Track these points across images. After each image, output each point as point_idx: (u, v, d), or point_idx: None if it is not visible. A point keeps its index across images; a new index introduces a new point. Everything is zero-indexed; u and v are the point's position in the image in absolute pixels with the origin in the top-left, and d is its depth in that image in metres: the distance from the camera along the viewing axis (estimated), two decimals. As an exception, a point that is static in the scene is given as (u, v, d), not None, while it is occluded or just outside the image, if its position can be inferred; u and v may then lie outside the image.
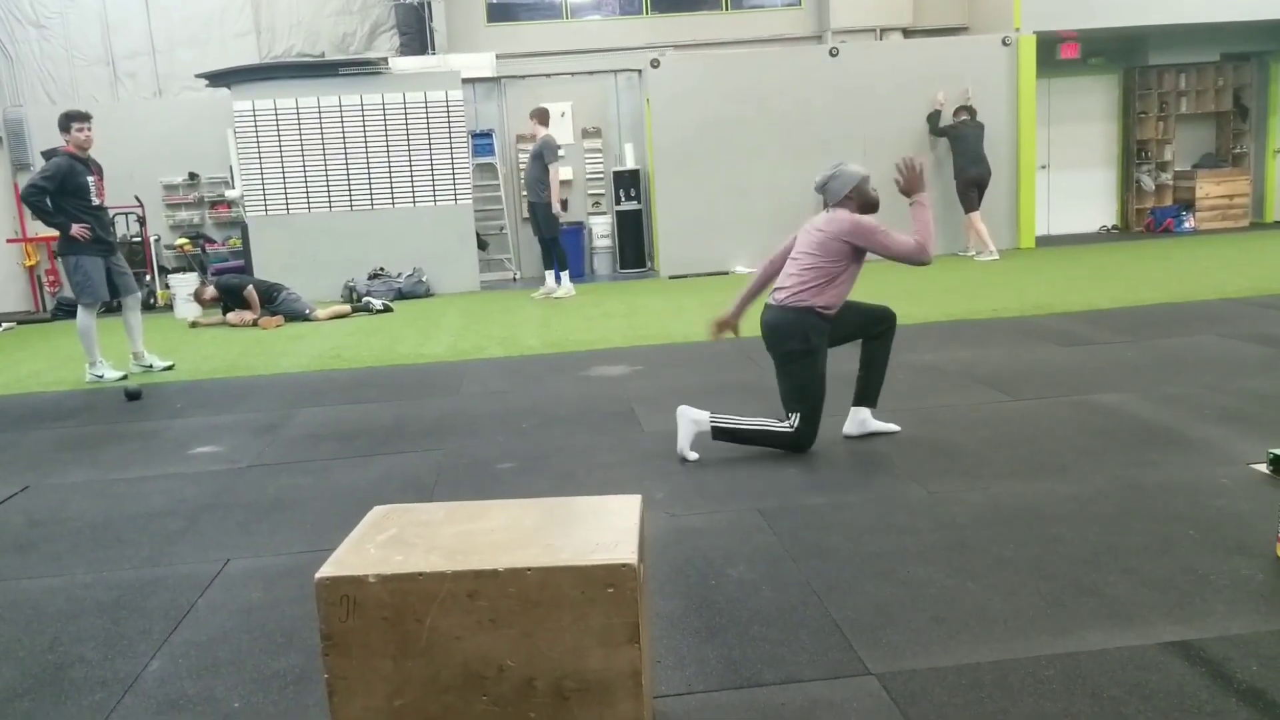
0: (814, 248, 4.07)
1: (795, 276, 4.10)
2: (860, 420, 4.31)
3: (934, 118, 11.21)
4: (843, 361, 4.59)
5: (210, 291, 9.60)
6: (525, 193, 10.25)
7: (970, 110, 11.05)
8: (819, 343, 4.08)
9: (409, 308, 9.95)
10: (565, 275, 9.87)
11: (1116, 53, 12.78)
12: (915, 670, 2.31)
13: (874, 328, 4.24)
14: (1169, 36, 12.24)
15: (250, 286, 9.30)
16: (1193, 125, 13.05)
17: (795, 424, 4.05)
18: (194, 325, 9.60)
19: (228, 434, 5.08)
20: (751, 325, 4.54)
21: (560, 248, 9.86)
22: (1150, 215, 12.87)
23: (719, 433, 4.10)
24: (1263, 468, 3.53)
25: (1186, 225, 12.59)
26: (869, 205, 4.12)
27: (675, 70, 11.28)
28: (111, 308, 7.24)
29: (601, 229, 12.20)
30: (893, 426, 4.35)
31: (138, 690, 2.45)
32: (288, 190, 11.03)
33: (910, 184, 4.09)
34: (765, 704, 2.22)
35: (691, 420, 4.11)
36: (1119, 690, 2.17)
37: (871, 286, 8.92)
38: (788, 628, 2.56)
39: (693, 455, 4.11)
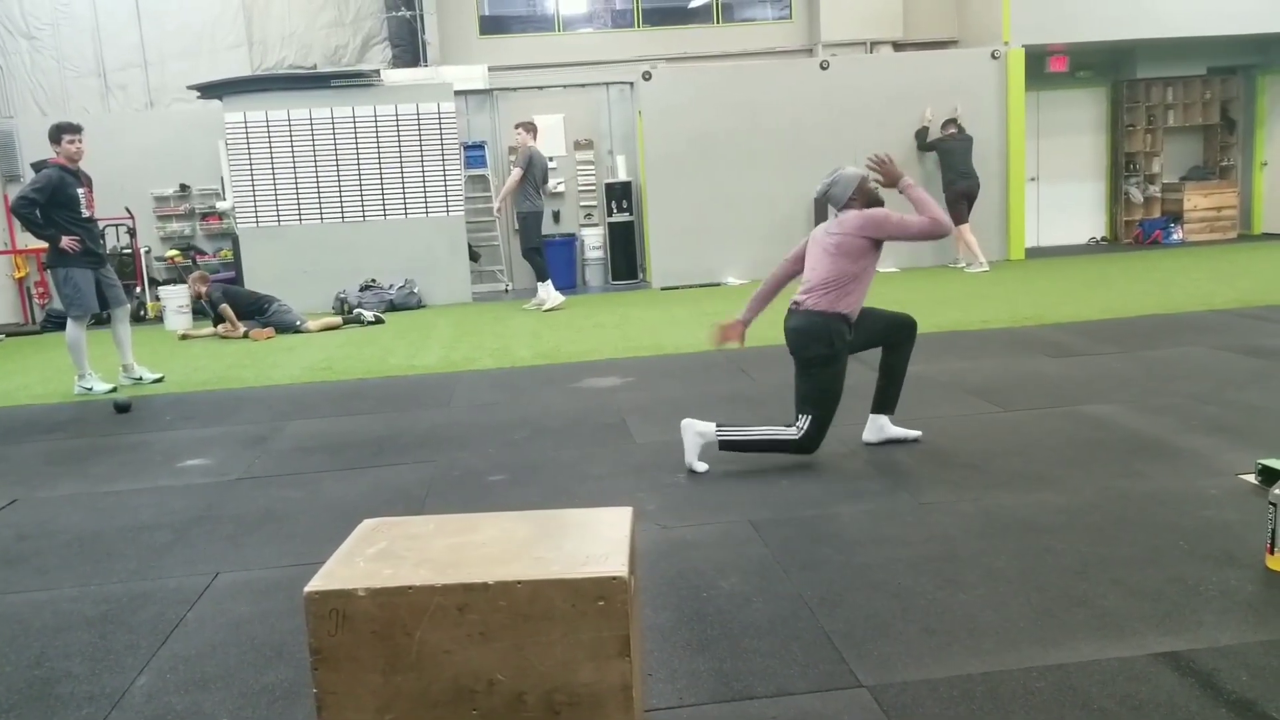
0: (833, 250, 4.08)
1: (818, 283, 4.10)
2: (879, 427, 4.34)
3: (922, 134, 11.26)
4: (853, 372, 4.60)
5: (204, 287, 9.54)
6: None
7: (958, 124, 11.12)
8: (842, 348, 4.09)
9: (400, 319, 9.94)
10: (548, 284, 9.91)
11: (1105, 66, 12.88)
12: (907, 682, 2.31)
13: (894, 334, 4.27)
14: (1157, 50, 12.34)
15: (225, 304, 9.24)
16: (1180, 138, 13.14)
17: (805, 426, 4.04)
18: (184, 337, 9.56)
19: (217, 446, 5.06)
20: (755, 335, 4.56)
21: (541, 258, 9.90)
22: (1139, 227, 12.94)
23: (726, 445, 4.10)
24: (1251, 478, 3.54)
25: (1175, 237, 12.66)
26: (874, 203, 4.17)
27: (667, 83, 11.33)
28: (101, 320, 7.21)
29: (593, 240, 12.22)
30: (913, 433, 4.38)
31: (125, 706, 2.43)
32: (279, 202, 11.02)
33: (889, 175, 4.16)
34: (757, 717, 2.21)
35: (696, 433, 4.11)
36: (1109, 701, 2.17)
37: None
38: (779, 640, 2.56)
39: (701, 467, 4.11)
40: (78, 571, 3.38)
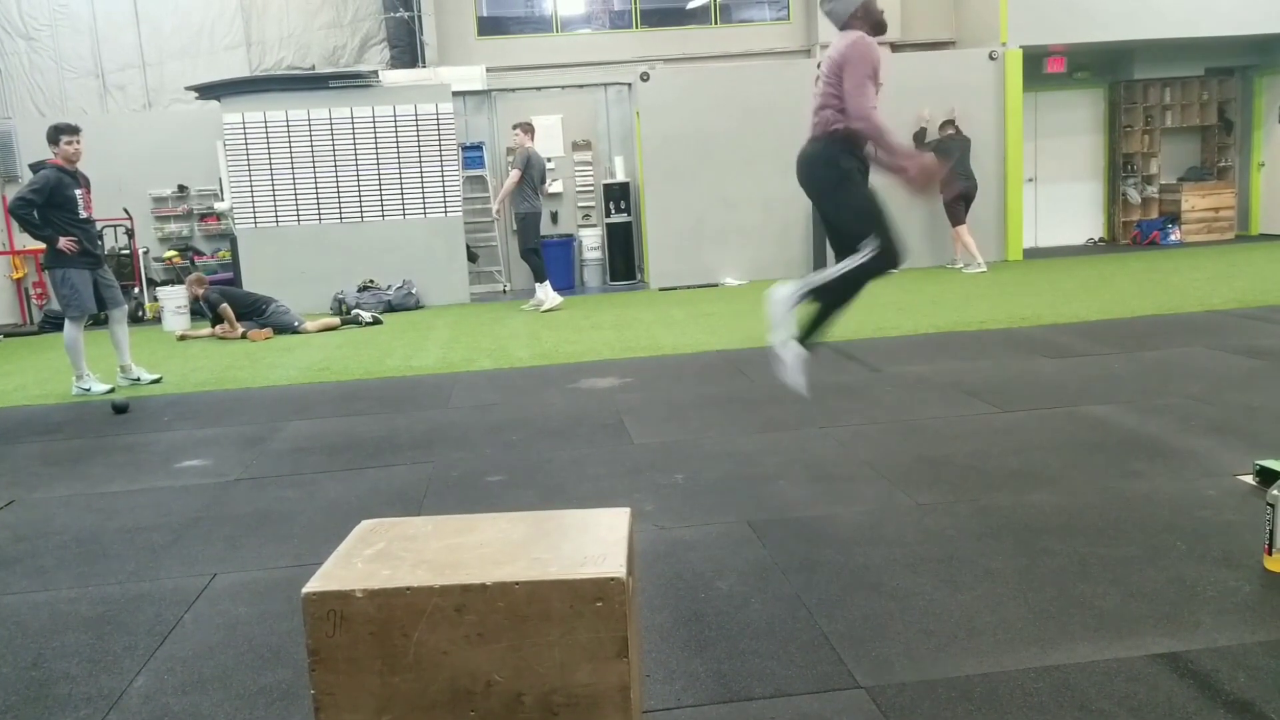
0: (826, 73, 3.93)
1: (813, 109, 3.95)
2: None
3: (919, 135, 11.27)
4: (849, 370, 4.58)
5: (201, 289, 9.54)
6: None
7: (955, 124, 11.13)
8: (850, 165, 3.86)
9: (398, 320, 9.94)
10: (546, 285, 9.91)
11: (1102, 67, 12.89)
12: (904, 683, 2.31)
13: (855, 231, 3.83)
14: (1154, 51, 12.35)
15: (225, 304, 9.24)
16: (1178, 139, 13.16)
17: (872, 246, 3.77)
18: (182, 338, 9.56)
19: (215, 447, 5.05)
20: (753, 336, 4.54)
21: (539, 258, 9.91)
22: (1137, 228, 12.96)
23: (817, 291, 3.90)
24: (1249, 479, 3.55)
25: (1172, 238, 12.67)
26: (878, 26, 3.97)
27: (665, 83, 11.33)
28: (99, 320, 7.20)
29: (591, 241, 12.22)
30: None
31: (122, 707, 2.43)
32: (277, 203, 11.01)
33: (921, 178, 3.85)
34: (755, 718, 2.21)
35: (783, 302, 3.93)
36: (1107, 702, 2.17)
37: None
38: (777, 641, 2.56)
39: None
40: (75, 572, 3.38)
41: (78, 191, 6.67)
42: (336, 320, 9.67)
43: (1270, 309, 7.19)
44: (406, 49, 12.51)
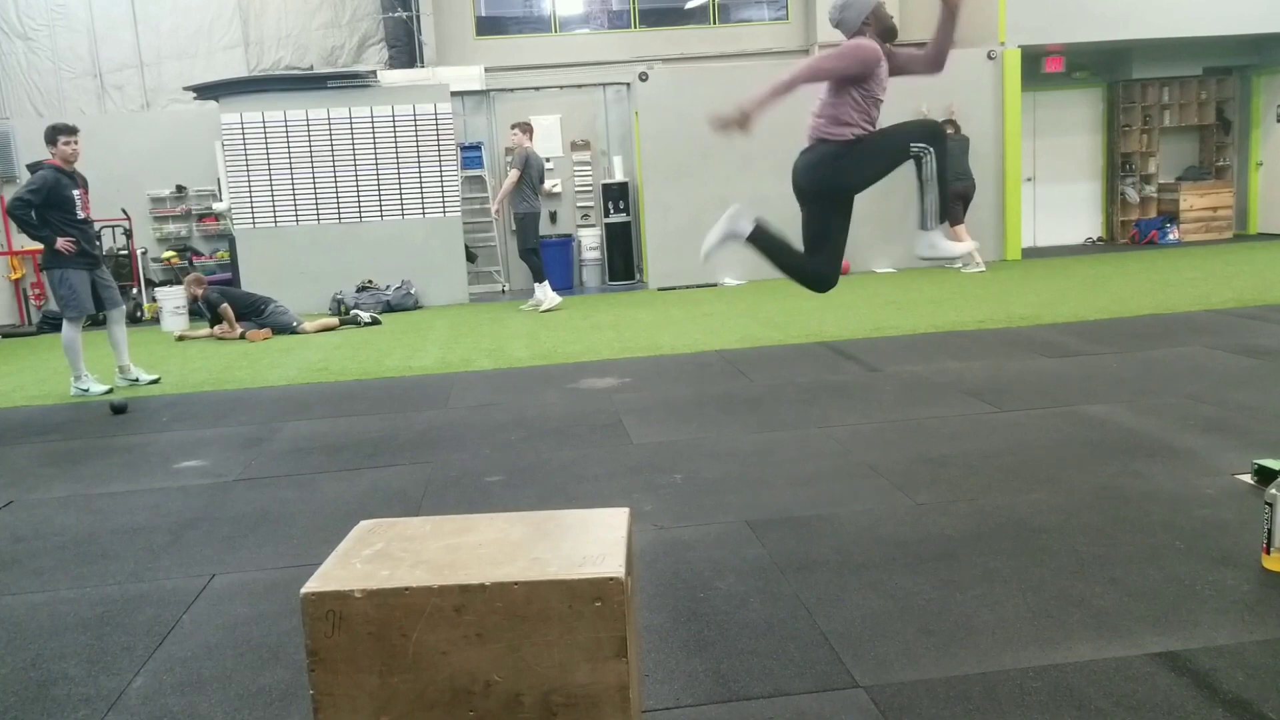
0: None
1: (811, 116, 4.01)
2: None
3: (920, 131, 11.28)
4: (829, 364, 4.59)
5: (200, 290, 9.53)
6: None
7: (954, 124, 11.13)
8: (850, 150, 3.93)
9: (397, 320, 9.93)
10: (545, 285, 9.91)
11: (1101, 66, 12.89)
12: (903, 683, 2.31)
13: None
14: (1152, 50, 12.36)
15: (225, 304, 9.24)
16: (1176, 138, 13.16)
17: (922, 146, 3.86)
18: (181, 338, 9.55)
19: (214, 448, 5.05)
20: (751, 336, 4.54)
21: (538, 258, 9.91)
22: (1135, 227, 12.96)
23: (941, 217, 3.98)
24: (1247, 478, 3.55)
25: (1171, 237, 12.68)
26: (888, 32, 4.00)
27: (663, 83, 11.33)
28: (97, 321, 7.20)
29: (590, 241, 12.22)
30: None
31: (121, 707, 2.43)
32: (276, 203, 11.01)
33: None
34: (754, 717, 2.21)
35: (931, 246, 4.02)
36: (1106, 702, 2.17)
37: (857, 293, 8.96)
38: (776, 640, 2.56)
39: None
40: (74, 573, 3.38)
41: (75, 192, 6.67)
42: (335, 320, 9.66)
43: (1268, 308, 7.20)
44: (405, 49, 12.50)
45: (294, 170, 10.97)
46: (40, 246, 6.83)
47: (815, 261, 4.08)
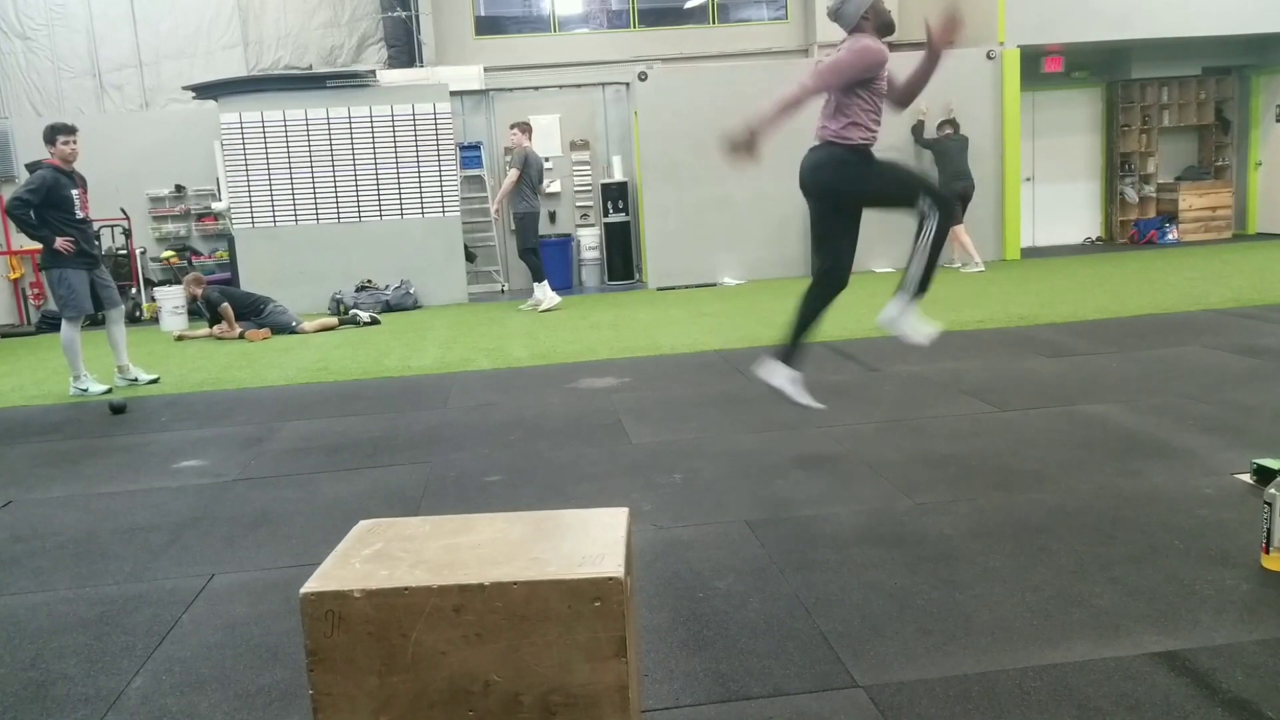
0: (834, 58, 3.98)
1: (819, 116, 4.00)
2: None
3: (918, 128, 11.28)
4: (835, 367, 4.58)
5: (200, 289, 9.52)
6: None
7: (954, 123, 11.13)
8: (860, 157, 3.95)
9: (396, 320, 9.93)
10: (545, 285, 9.91)
11: (1100, 66, 12.90)
12: (902, 682, 2.31)
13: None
14: (1151, 50, 12.36)
15: (226, 304, 9.24)
16: (1175, 138, 13.17)
17: (931, 203, 3.90)
18: (180, 338, 9.55)
19: (213, 447, 5.05)
20: (749, 336, 4.54)
21: (538, 258, 9.91)
22: (1134, 227, 12.97)
23: (923, 289, 4.05)
24: (1246, 478, 3.55)
25: (1170, 237, 12.69)
26: (886, 27, 4.02)
27: (663, 83, 11.33)
28: (96, 321, 7.20)
29: (589, 241, 12.22)
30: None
31: (121, 707, 2.43)
32: (275, 202, 11.00)
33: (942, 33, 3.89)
34: (753, 717, 2.21)
35: (899, 319, 4.10)
36: (1105, 701, 2.17)
37: (857, 293, 8.94)
38: (775, 640, 2.56)
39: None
40: (73, 573, 3.37)
41: (74, 192, 6.67)
42: (334, 320, 9.66)
43: (1267, 308, 7.20)
44: (404, 49, 12.50)
45: (293, 170, 10.97)
46: (39, 246, 6.83)
47: (816, 261, 4.10)
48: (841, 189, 4.05)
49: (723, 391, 5.61)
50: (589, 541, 1.98)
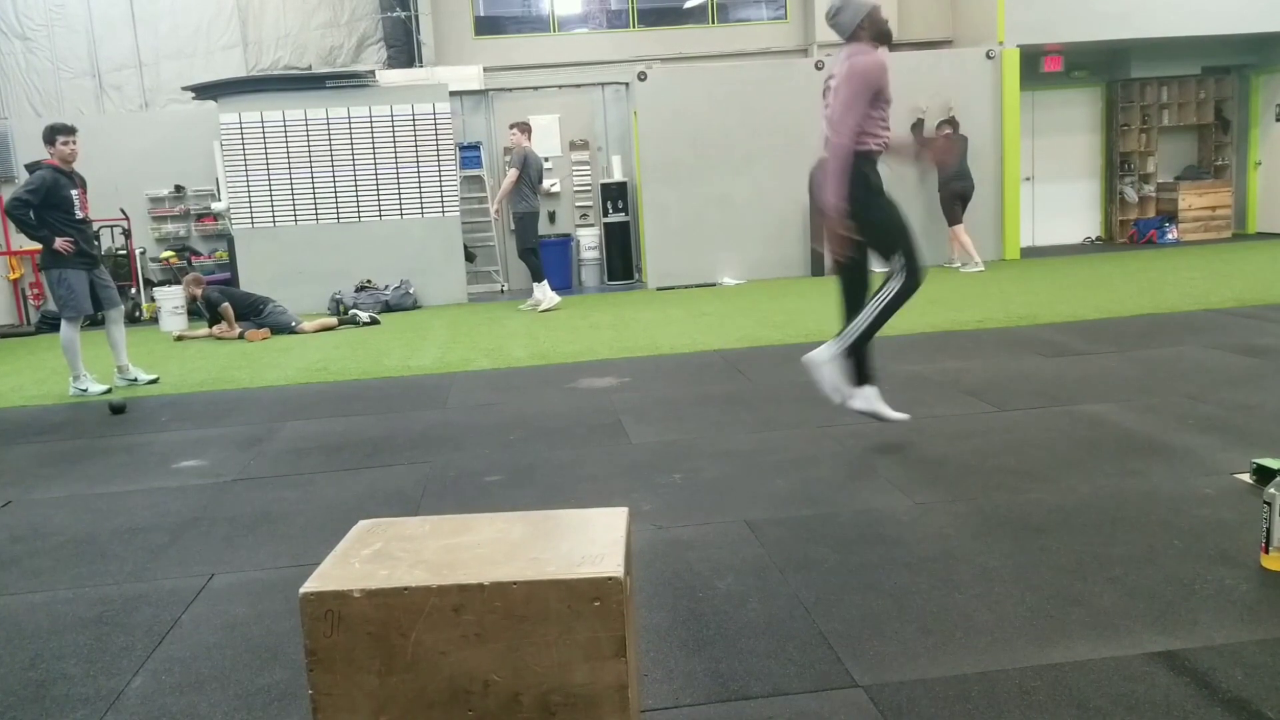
0: (835, 90, 3.99)
1: (827, 124, 3.99)
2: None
3: (917, 126, 11.29)
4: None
5: (199, 289, 9.52)
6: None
7: (953, 123, 11.13)
8: (869, 180, 3.94)
9: (396, 320, 9.93)
10: (544, 285, 9.91)
11: (1099, 66, 12.90)
12: (902, 682, 2.31)
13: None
14: (1151, 50, 12.36)
15: (226, 304, 9.24)
16: (1175, 137, 13.17)
17: (903, 265, 3.92)
18: (179, 338, 9.55)
19: (213, 448, 5.05)
20: (748, 336, 4.54)
21: (537, 258, 9.91)
22: (1134, 227, 12.97)
23: (854, 349, 4.06)
24: (1246, 477, 3.55)
25: (1170, 237, 12.69)
26: (883, 36, 4.02)
27: (662, 83, 11.33)
28: (95, 321, 7.20)
29: (589, 241, 12.22)
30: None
31: (120, 707, 2.43)
32: (274, 203, 11.00)
33: (938, 154, 3.98)
34: (753, 717, 2.21)
35: (825, 365, 4.08)
36: (1105, 701, 2.17)
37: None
38: (775, 640, 2.56)
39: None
40: (73, 573, 3.37)
41: (74, 192, 6.67)
42: (334, 320, 9.66)
43: (1267, 308, 7.20)
44: (403, 49, 12.50)
45: (292, 170, 10.97)
46: (38, 246, 6.82)
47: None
48: (852, 201, 4.04)
49: (722, 391, 5.61)
50: (588, 541, 1.98)
